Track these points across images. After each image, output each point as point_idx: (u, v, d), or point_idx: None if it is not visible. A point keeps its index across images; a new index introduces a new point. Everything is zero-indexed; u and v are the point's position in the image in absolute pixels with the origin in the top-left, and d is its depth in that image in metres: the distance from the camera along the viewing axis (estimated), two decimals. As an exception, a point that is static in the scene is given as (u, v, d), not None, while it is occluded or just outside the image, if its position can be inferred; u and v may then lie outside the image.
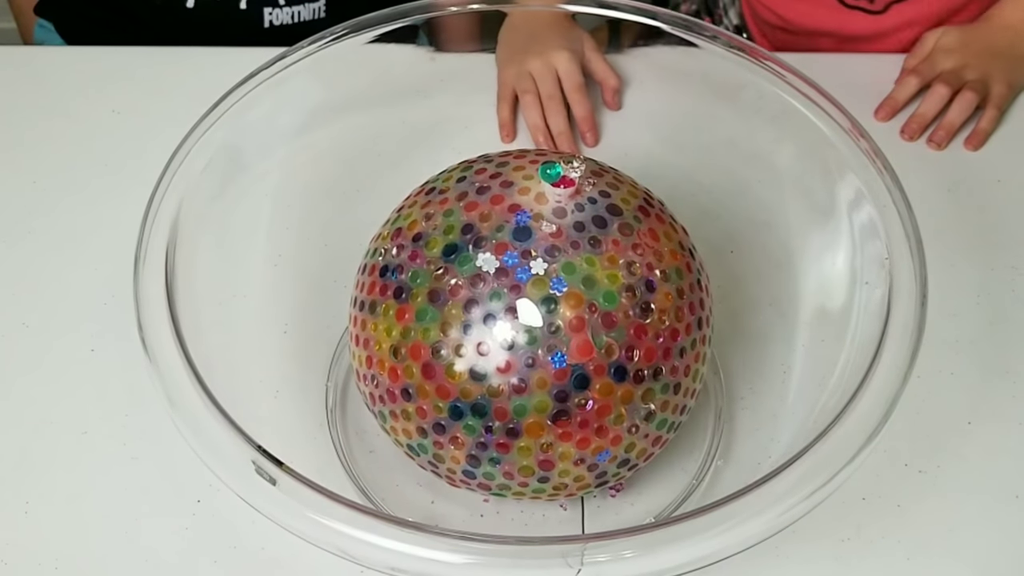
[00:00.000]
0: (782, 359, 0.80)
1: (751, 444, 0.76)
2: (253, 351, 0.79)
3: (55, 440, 0.77)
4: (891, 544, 0.72)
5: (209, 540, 0.72)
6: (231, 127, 0.72)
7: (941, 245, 0.87)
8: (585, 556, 0.56)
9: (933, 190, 0.94)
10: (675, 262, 0.64)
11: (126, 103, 1.01)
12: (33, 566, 0.70)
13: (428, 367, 0.62)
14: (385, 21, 0.80)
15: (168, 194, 0.69)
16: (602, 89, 1.01)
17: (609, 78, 1.00)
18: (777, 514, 0.57)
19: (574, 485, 0.65)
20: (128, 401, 0.78)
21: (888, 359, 0.62)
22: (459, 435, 0.63)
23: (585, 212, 0.63)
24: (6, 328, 0.83)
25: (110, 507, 0.73)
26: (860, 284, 0.72)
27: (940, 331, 0.82)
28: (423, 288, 0.62)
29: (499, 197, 0.63)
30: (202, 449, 0.59)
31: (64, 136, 0.98)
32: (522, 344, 0.60)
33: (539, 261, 0.61)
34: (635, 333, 0.61)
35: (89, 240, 0.89)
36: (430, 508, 0.74)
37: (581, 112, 0.98)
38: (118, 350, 0.81)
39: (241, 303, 0.81)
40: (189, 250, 0.68)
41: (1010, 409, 0.79)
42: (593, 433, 0.62)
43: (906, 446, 0.77)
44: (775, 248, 0.86)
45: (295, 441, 0.75)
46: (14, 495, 0.74)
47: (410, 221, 0.66)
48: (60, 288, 0.86)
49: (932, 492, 0.75)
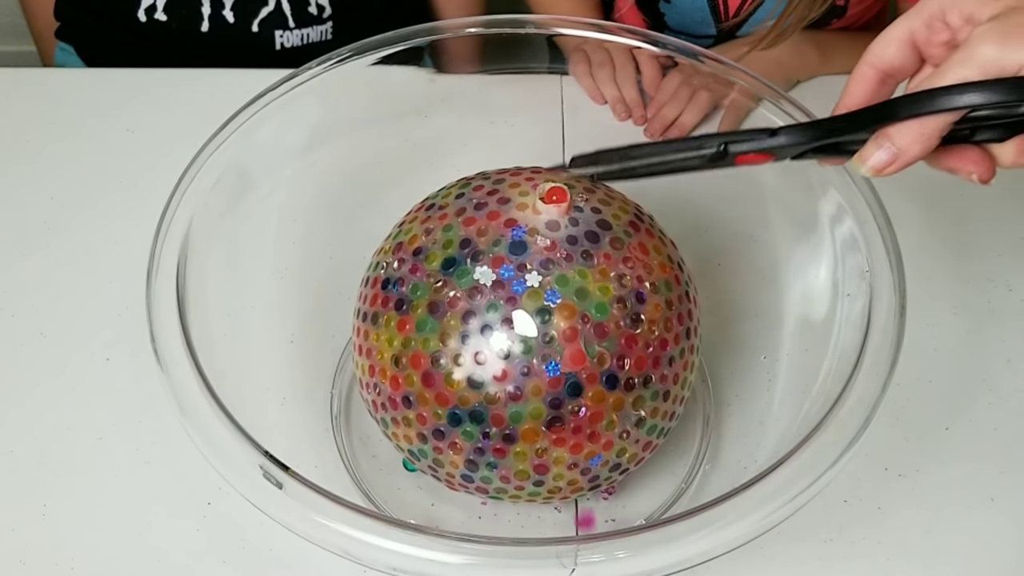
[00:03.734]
0: (767, 368, 0.80)
1: (738, 449, 0.76)
2: (261, 360, 0.79)
3: (71, 445, 0.77)
4: (872, 545, 0.72)
5: (218, 541, 0.72)
6: (240, 146, 0.73)
7: (919, 258, 0.87)
8: (579, 556, 0.55)
9: (912, 206, 0.94)
10: (664, 274, 0.65)
11: (140, 122, 1.01)
12: (50, 566, 0.70)
13: (428, 376, 0.62)
14: (388, 44, 0.80)
15: (180, 210, 0.69)
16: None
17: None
18: (763, 516, 0.57)
19: (568, 488, 0.65)
20: (141, 408, 0.78)
21: (869, 367, 0.62)
22: (458, 441, 0.63)
23: (578, 227, 0.63)
24: (25, 338, 0.83)
25: (124, 509, 0.73)
26: (842, 296, 0.72)
27: (919, 341, 0.82)
28: (423, 300, 0.62)
29: (496, 213, 0.64)
30: (212, 454, 0.59)
31: (81, 154, 0.99)
32: (518, 353, 0.60)
33: (534, 274, 0.61)
34: (626, 343, 0.62)
35: (104, 253, 0.89)
36: (430, 510, 0.74)
37: (650, 72, 1.03)
38: (132, 359, 0.81)
39: (249, 314, 0.81)
40: (199, 263, 0.68)
41: (986, 415, 0.79)
42: (586, 438, 0.62)
43: (886, 451, 0.77)
44: (761, 261, 0.86)
45: (301, 446, 0.75)
46: (32, 498, 0.74)
47: (411, 236, 0.66)
48: (76, 299, 0.86)
49: (911, 495, 0.75)
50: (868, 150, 0.55)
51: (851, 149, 0.57)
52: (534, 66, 0.93)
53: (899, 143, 0.54)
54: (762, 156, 0.59)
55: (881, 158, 0.55)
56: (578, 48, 1.04)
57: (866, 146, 0.55)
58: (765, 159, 0.59)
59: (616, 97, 1.03)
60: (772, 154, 0.59)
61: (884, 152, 0.55)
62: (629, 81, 1.03)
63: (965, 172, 0.55)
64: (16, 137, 1.00)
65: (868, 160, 0.55)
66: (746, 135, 0.58)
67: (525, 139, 0.99)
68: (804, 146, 0.58)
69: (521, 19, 0.82)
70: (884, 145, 0.54)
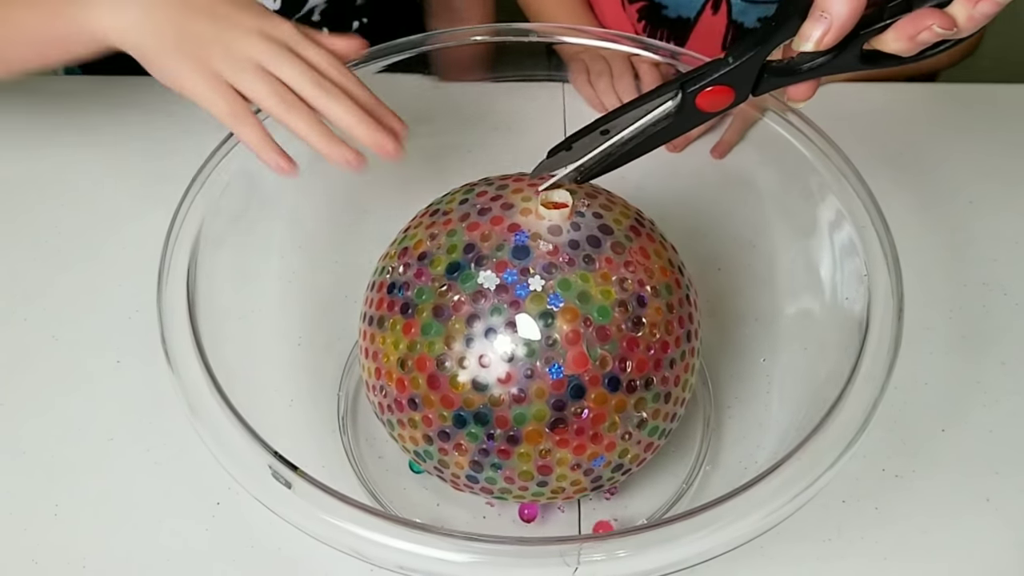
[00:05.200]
0: (767, 370, 0.80)
1: (738, 450, 0.76)
2: (269, 362, 0.79)
3: (83, 446, 0.77)
4: (870, 544, 0.72)
5: (228, 540, 0.72)
6: (248, 153, 0.73)
7: (916, 263, 0.87)
8: (582, 555, 0.55)
9: (909, 211, 0.94)
10: (665, 278, 0.65)
11: (151, 130, 1.01)
12: (63, 564, 0.70)
13: (433, 378, 0.62)
14: (394, 52, 0.81)
15: (190, 215, 0.69)
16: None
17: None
18: (762, 516, 0.57)
19: (571, 489, 0.65)
20: (152, 409, 0.78)
21: (866, 370, 0.62)
22: (463, 442, 0.63)
23: (580, 231, 0.63)
24: (38, 341, 0.84)
25: (135, 509, 0.73)
26: (840, 299, 0.72)
27: (916, 344, 0.82)
28: (428, 304, 0.63)
29: (499, 218, 0.64)
30: (221, 454, 0.59)
31: (92, 160, 0.99)
32: (521, 356, 0.60)
33: (537, 278, 0.61)
34: (627, 345, 0.62)
35: (115, 258, 0.90)
36: (436, 510, 0.74)
37: (648, 79, 1.01)
38: (143, 361, 0.81)
39: (258, 317, 0.81)
40: (209, 268, 0.68)
41: (981, 417, 0.80)
42: (589, 440, 0.62)
43: (884, 452, 0.77)
44: (760, 266, 0.86)
45: (309, 447, 0.76)
46: (45, 498, 0.74)
47: (416, 241, 0.66)
48: (88, 303, 0.86)
49: (908, 495, 0.75)
50: (805, 27, 0.56)
51: (802, 70, 0.58)
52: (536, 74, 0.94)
53: (830, 9, 0.55)
54: (722, 91, 0.59)
55: (817, 29, 0.56)
56: (577, 57, 1.04)
57: (803, 25, 0.56)
58: (727, 96, 0.59)
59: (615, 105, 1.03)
60: (730, 87, 0.59)
61: (819, 22, 0.56)
62: (628, 88, 1.03)
63: (928, 30, 0.55)
64: (28, 142, 1.01)
65: (807, 35, 0.56)
66: (698, 70, 0.59)
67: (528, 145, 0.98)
68: (754, 61, 0.58)
69: (525, 27, 0.83)
70: (816, 15, 0.56)
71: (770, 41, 0.58)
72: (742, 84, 0.59)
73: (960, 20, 0.55)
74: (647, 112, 0.60)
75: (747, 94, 0.59)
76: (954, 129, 1.02)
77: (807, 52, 0.57)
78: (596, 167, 0.64)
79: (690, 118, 0.60)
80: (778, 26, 0.57)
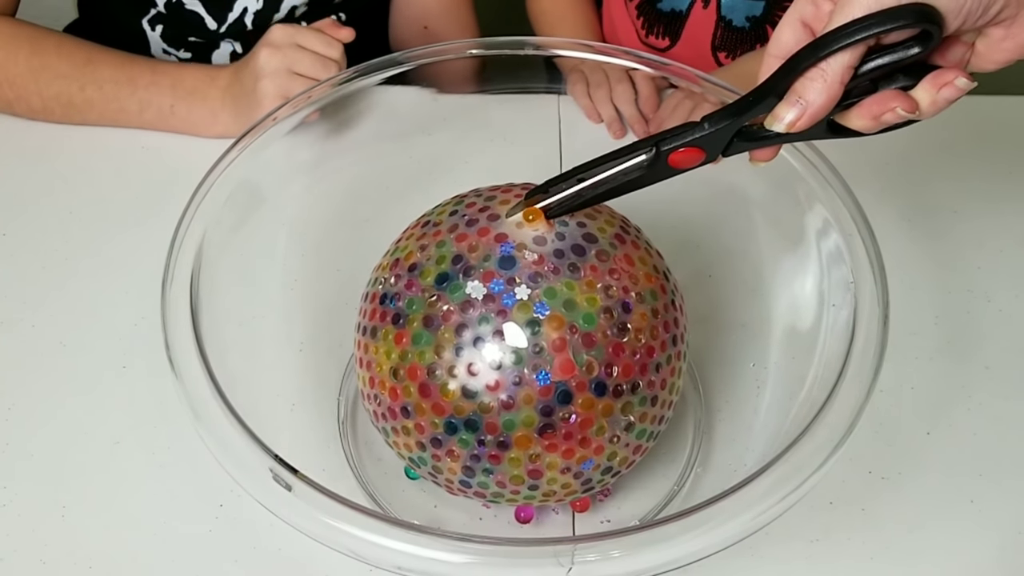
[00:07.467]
0: (756, 375, 0.80)
1: (728, 453, 0.76)
2: (271, 368, 0.79)
3: (90, 449, 0.77)
4: (856, 545, 0.72)
5: (230, 542, 0.72)
6: (250, 163, 0.73)
7: (902, 270, 0.87)
8: (575, 556, 0.56)
9: (894, 220, 0.94)
10: (650, 284, 0.65)
11: (155, 140, 1.01)
12: (69, 565, 0.70)
13: (424, 387, 0.62)
14: (393, 65, 0.81)
15: (193, 224, 0.69)
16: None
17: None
18: (752, 517, 0.57)
19: (562, 492, 0.65)
20: (157, 414, 0.78)
21: (853, 375, 0.62)
22: (454, 448, 0.63)
23: (565, 241, 0.63)
24: (46, 347, 0.84)
25: (140, 511, 0.73)
26: (827, 306, 0.72)
27: (901, 349, 0.82)
28: (418, 314, 0.63)
29: (485, 229, 0.64)
30: (224, 458, 0.59)
31: (98, 170, 0.99)
32: (509, 364, 0.60)
33: (523, 287, 0.61)
34: (613, 351, 0.62)
35: (121, 266, 0.90)
36: (433, 512, 0.74)
37: (645, 91, 1.03)
38: (147, 367, 0.81)
39: (260, 323, 0.81)
40: (212, 275, 0.68)
41: (965, 421, 0.80)
42: (577, 444, 0.62)
43: (870, 455, 0.77)
44: (749, 274, 0.86)
45: (309, 450, 0.76)
46: (52, 500, 0.74)
47: (407, 252, 0.66)
48: (95, 310, 0.86)
49: (894, 497, 0.75)
50: (779, 109, 0.56)
51: (770, 136, 0.58)
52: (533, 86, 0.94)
53: (806, 96, 0.55)
54: (693, 152, 0.60)
55: (791, 113, 0.56)
56: (576, 68, 1.04)
57: (778, 106, 0.56)
58: (697, 157, 0.60)
59: (612, 116, 1.04)
60: (702, 149, 0.59)
61: (794, 107, 0.55)
62: (626, 99, 1.04)
63: (892, 112, 0.56)
64: (35, 152, 1.01)
65: (780, 117, 0.56)
66: (673, 131, 0.60)
67: (524, 157, 0.99)
68: (728, 129, 0.58)
69: (521, 40, 0.83)
70: (792, 100, 0.55)
71: (745, 115, 0.58)
72: (713, 147, 0.60)
73: (923, 104, 0.55)
74: (623, 163, 0.61)
75: (717, 156, 0.60)
76: (939, 140, 1.03)
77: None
78: (567, 204, 0.64)
79: (660, 172, 0.61)
80: (755, 102, 0.58)
